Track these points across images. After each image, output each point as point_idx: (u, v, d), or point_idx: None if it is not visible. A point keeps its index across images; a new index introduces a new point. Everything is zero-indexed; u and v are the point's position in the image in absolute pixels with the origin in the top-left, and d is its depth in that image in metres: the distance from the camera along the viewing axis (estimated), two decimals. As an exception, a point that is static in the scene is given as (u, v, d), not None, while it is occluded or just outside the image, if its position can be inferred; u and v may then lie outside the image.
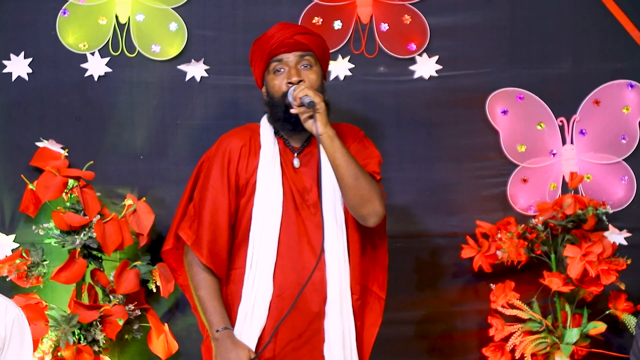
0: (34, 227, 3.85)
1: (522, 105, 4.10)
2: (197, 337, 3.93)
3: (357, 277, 3.29)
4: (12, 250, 3.92)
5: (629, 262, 3.90)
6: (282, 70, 3.27)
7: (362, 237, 3.30)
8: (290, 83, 3.24)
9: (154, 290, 3.88)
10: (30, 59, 3.98)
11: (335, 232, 3.25)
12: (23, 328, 3.20)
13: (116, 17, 4.00)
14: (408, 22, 4.07)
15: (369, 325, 3.35)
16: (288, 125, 3.25)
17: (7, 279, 3.79)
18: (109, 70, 4.00)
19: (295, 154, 3.31)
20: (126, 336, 3.87)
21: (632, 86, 4.11)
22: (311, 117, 3.16)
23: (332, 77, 4.06)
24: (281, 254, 3.22)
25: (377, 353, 3.97)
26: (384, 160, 4.04)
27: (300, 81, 3.23)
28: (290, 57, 3.27)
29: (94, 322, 3.75)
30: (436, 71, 4.09)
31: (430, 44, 4.08)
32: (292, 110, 3.19)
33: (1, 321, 3.14)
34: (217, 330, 3.22)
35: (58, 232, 3.79)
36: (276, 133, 3.33)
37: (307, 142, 3.34)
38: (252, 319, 3.21)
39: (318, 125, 3.14)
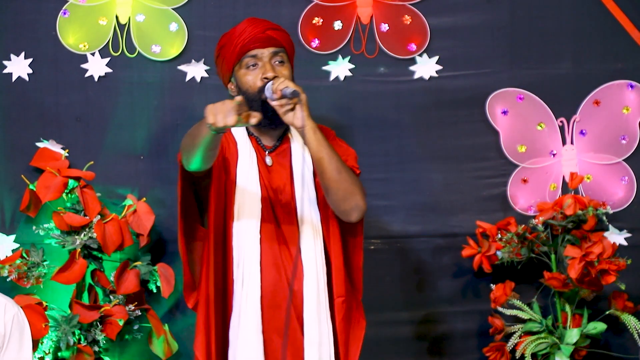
0: (34, 227, 3.85)
1: (522, 106, 4.10)
2: (197, 337, 3.94)
3: (342, 277, 3.22)
4: (13, 251, 3.92)
5: (629, 262, 3.90)
6: (256, 65, 3.21)
7: (342, 235, 3.24)
8: (265, 78, 3.17)
9: (154, 291, 3.89)
10: (31, 60, 3.98)
11: (312, 231, 3.20)
12: (23, 326, 3.21)
13: (116, 17, 4.00)
14: (408, 23, 4.08)
15: (355, 327, 3.26)
16: (265, 121, 3.15)
17: (8, 280, 3.79)
18: (109, 70, 4.00)
19: (267, 152, 3.25)
20: (126, 336, 3.87)
21: (632, 86, 4.12)
22: (291, 109, 3.08)
23: (332, 77, 4.07)
24: (263, 253, 3.16)
25: (377, 353, 3.98)
26: (385, 161, 4.08)
27: (275, 77, 3.16)
28: (265, 53, 3.21)
29: (94, 323, 3.76)
30: (436, 71, 4.09)
31: (430, 45, 4.09)
32: (274, 103, 3.09)
33: (0, 319, 3.15)
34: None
35: (58, 232, 3.79)
36: (246, 131, 3.27)
37: (279, 141, 3.27)
38: (246, 319, 3.14)
39: (302, 117, 3.07)
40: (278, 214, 3.22)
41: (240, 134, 3.26)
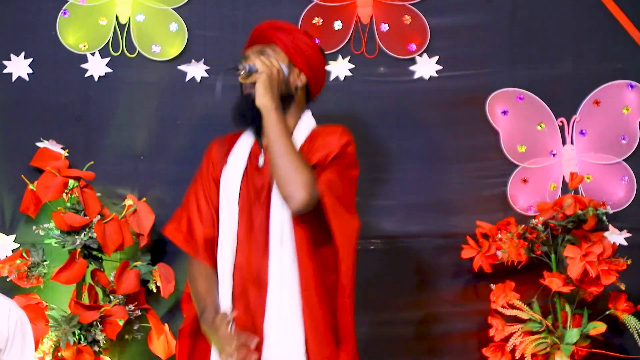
0: (34, 227, 3.85)
1: (522, 106, 4.10)
2: (197, 337, 3.94)
3: (311, 270, 3.12)
4: (13, 251, 3.92)
5: (629, 262, 3.90)
6: None
7: (318, 228, 3.14)
8: (236, 69, 3.15)
9: (154, 291, 3.89)
10: (31, 60, 3.99)
11: (279, 235, 3.13)
12: (25, 329, 3.22)
13: (116, 17, 4.00)
14: (408, 23, 4.08)
15: (340, 310, 3.15)
16: (249, 118, 3.16)
17: (8, 280, 3.80)
18: (110, 70, 4.01)
19: (263, 152, 3.22)
20: (126, 336, 3.88)
21: (632, 86, 4.11)
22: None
23: (332, 77, 4.07)
24: (238, 251, 3.15)
25: (377, 353, 3.98)
26: (384, 161, 4.08)
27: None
28: (249, 52, 3.22)
29: (94, 323, 3.76)
30: (436, 71, 4.09)
31: (430, 44, 4.09)
32: (239, 79, 3.12)
33: (4, 322, 3.16)
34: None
35: (58, 232, 3.79)
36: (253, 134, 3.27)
37: None
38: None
39: (256, 94, 3.07)
40: (254, 216, 3.17)
41: (245, 139, 3.25)
